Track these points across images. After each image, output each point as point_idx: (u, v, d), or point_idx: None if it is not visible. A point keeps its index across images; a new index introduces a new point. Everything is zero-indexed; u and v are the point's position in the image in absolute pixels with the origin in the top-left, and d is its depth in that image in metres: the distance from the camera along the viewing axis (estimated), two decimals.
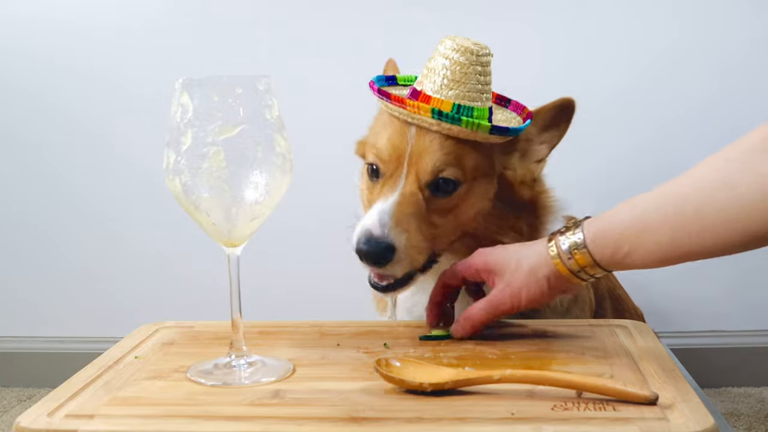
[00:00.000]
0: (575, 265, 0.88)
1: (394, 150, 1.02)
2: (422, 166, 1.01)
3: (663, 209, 0.81)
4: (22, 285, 1.93)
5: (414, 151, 1.01)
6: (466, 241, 1.06)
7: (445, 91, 1.00)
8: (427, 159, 1.00)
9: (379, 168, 1.04)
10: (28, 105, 1.86)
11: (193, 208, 0.81)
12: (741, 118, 1.76)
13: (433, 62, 1.02)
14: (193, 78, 0.80)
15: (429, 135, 1.01)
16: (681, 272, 1.81)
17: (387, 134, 1.03)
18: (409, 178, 1.01)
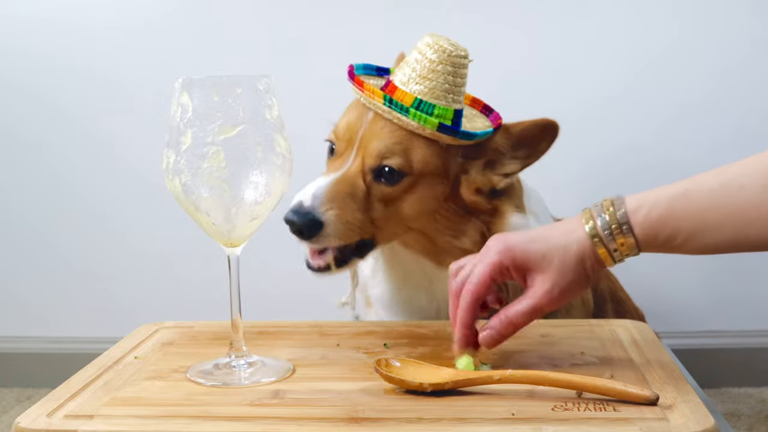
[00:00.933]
0: (617, 249, 0.79)
1: (347, 130, 1.05)
2: (369, 150, 1.02)
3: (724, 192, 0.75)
4: (21, 285, 1.93)
5: (365, 135, 1.03)
6: (418, 238, 1.07)
7: (411, 84, 1.01)
8: (375, 143, 1.02)
9: (333, 146, 1.07)
10: (27, 105, 1.86)
11: (193, 208, 0.81)
12: (740, 118, 1.75)
13: (409, 56, 1.04)
14: (193, 78, 0.79)
15: (382, 121, 1.02)
16: (681, 272, 1.82)
17: (346, 115, 1.07)
18: (356, 160, 1.03)
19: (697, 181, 0.77)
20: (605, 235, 0.78)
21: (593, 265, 0.80)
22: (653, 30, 1.76)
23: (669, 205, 0.76)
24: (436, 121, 0.99)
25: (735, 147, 1.75)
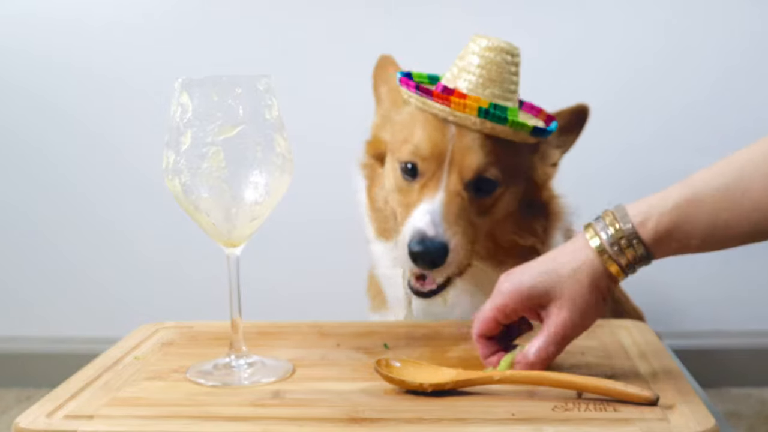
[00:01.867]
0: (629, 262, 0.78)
1: (434, 147, 0.99)
2: (465, 166, 0.98)
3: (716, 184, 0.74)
4: (21, 285, 1.93)
5: (456, 150, 0.98)
6: (486, 243, 1.04)
7: (481, 90, 0.98)
8: (471, 158, 0.98)
9: (417, 166, 1.00)
10: (26, 104, 1.86)
11: (193, 208, 0.81)
12: (741, 118, 1.75)
13: (465, 60, 1.00)
14: (192, 78, 0.79)
15: (470, 134, 0.99)
16: (681, 272, 1.82)
17: (425, 132, 1.00)
18: (451, 177, 0.99)
19: (701, 182, 0.76)
20: (614, 250, 0.77)
21: (607, 284, 0.79)
22: (653, 30, 1.76)
23: (677, 213, 0.75)
24: (530, 126, 0.98)
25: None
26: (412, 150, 1.00)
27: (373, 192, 1.11)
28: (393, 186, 1.05)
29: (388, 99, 1.12)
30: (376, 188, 1.11)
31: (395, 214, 1.06)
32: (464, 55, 1.01)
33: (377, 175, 1.11)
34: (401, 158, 1.02)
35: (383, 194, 1.09)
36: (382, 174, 1.10)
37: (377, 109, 1.14)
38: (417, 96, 1.00)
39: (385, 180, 1.06)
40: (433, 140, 0.99)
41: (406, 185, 1.02)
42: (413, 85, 1.00)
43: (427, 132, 1.00)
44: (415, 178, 1.01)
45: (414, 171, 1.01)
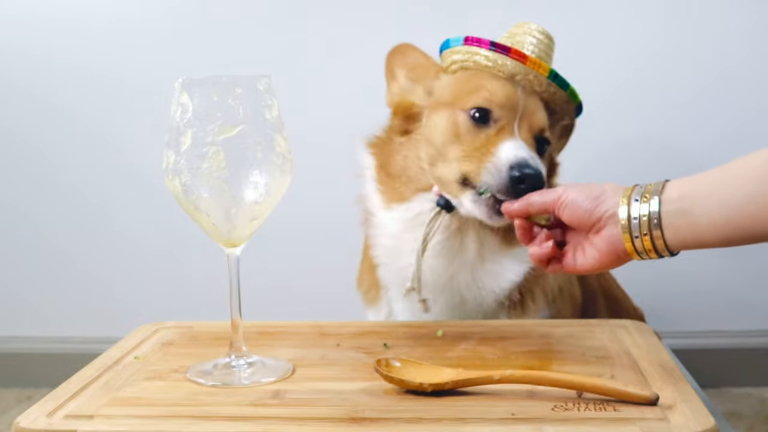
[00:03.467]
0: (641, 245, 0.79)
1: (509, 98, 1.03)
2: (534, 122, 1.04)
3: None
4: (22, 285, 1.93)
5: (525, 106, 1.03)
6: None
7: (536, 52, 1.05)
8: (538, 116, 1.04)
9: (491, 113, 1.03)
10: (26, 104, 1.86)
11: (193, 208, 0.81)
12: (739, 117, 1.75)
13: (517, 38, 1.07)
14: (192, 78, 0.79)
15: (534, 95, 1.05)
16: (681, 272, 1.82)
17: (499, 82, 1.04)
18: (522, 129, 1.03)
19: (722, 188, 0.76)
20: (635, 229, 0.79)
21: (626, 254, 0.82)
22: (652, 29, 1.76)
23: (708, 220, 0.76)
24: (580, 98, 1.06)
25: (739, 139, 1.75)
26: (487, 96, 1.03)
27: (385, 164, 1.12)
28: (449, 136, 1.05)
29: (408, 77, 1.14)
30: (389, 159, 1.12)
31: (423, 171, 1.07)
32: (513, 35, 1.08)
33: (388, 148, 1.13)
34: (473, 105, 1.03)
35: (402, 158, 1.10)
36: (396, 144, 1.11)
37: (391, 87, 1.15)
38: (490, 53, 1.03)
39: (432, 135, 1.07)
40: (507, 91, 1.03)
41: (475, 131, 1.03)
42: (486, 42, 1.05)
43: (499, 82, 1.04)
44: (487, 123, 1.03)
45: (486, 117, 1.03)
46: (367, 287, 1.19)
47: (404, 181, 1.10)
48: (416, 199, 1.08)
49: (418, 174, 1.08)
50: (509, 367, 0.84)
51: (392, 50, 1.15)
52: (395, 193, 1.10)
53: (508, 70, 1.03)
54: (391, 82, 1.15)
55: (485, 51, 1.04)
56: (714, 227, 0.75)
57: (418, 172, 1.08)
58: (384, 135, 1.15)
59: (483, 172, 0.98)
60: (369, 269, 1.18)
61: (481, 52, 1.04)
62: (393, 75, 1.15)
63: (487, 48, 1.04)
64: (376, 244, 1.13)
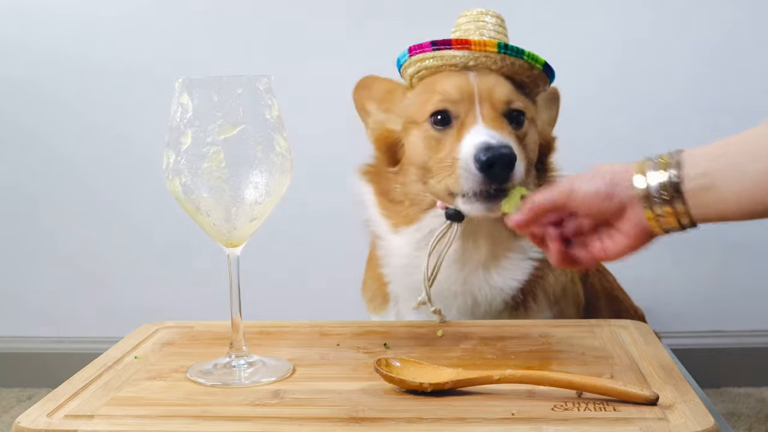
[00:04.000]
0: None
1: (461, 89, 1.02)
2: (495, 99, 1.02)
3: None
4: (22, 285, 1.93)
5: (482, 89, 1.02)
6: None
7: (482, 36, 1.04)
8: (498, 91, 1.02)
9: (449, 111, 1.02)
10: (29, 103, 1.86)
11: (193, 208, 0.81)
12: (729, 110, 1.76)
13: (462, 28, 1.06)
14: (193, 78, 0.80)
15: (491, 74, 1.03)
16: (681, 272, 1.82)
17: (448, 80, 1.03)
18: (485, 111, 1.01)
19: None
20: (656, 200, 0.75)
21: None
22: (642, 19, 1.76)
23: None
24: (543, 59, 1.03)
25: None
26: (439, 98, 1.03)
27: (384, 191, 1.12)
28: (424, 151, 1.04)
29: (380, 108, 1.14)
30: (386, 186, 1.11)
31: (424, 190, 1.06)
32: (458, 27, 1.07)
33: (383, 177, 1.12)
34: (430, 112, 1.03)
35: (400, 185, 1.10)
36: (389, 175, 1.11)
37: (367, 123, 1.16)
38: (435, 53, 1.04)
39: (412, 156, 1.07)
40: (458, 83, 1.02)
41: (441, 136, 1.03)
42: (427, 44, 1.04)
43: (448, 79, 1.03)
44: (449, 124, 1.03)
45: (447, 118, 1.03)
46: (372, 295, 1.19)
47: (408, 205, 1.09)
48: (425, 218, 1.08)
49: (421, 196, 1.07)
50: (509, 367, 0.84)
51: (356, 87, 1.15)
52: (401, 217, 1.10)
53: (457, 61, 1.03)
54: (365, 119, 1.15)
55: (429, 53, 1.04)
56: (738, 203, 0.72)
57: (420, 194, 1.07)
58: (375, 162, 1.15)
59: (460, 181, 0.97)
60: (375, 278, 1.17)
61: (427, 56, 1.04)
62: (365, 110, 1.15)
63: (430, 49, 1.04)
64: (388, 264, 1.13)
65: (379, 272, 1.15)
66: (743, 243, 1.80)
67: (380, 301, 1.17)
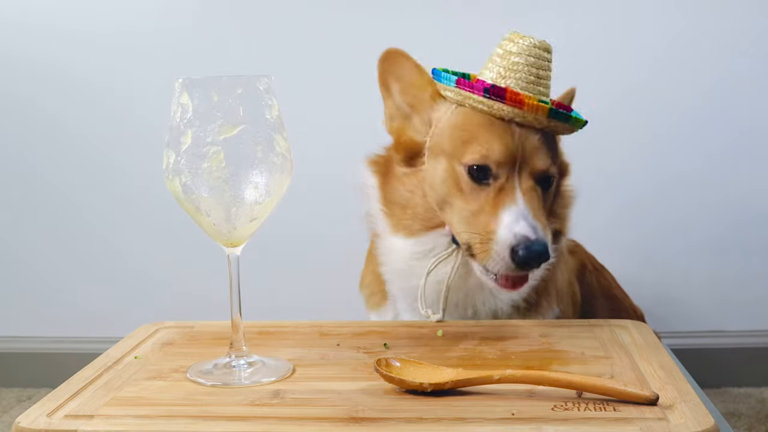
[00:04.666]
0: None
1: (507, 150, 0.99)
2: (535, 165, 0.99)
3: None
4: (22, 285, 1.93)
5: (525, 150, 0.99)
6: None
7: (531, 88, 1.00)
8: (539, 157, 1.00)
9: (490, 169, 0.99)
10: (30, 104, 1.86)
11: (193, 208, 0.81)
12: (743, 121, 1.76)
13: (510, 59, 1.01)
14: (193, 78, 0.80)
15: (532, 133, 1.00)
16: (681, 272, 1.82)
17: (495, 134, 0.99)
18: (523, 177, 0.99)
19: None
20: None
21: None
22: (653, 33, 1.76)
23: None
24: (584, 120, 1.01)
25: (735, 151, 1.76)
26: (484, 153, 0.99)
27: (389, 187, 1.10)
28: (449, 189, 1.02)
29: (403, 97, 1.09)
30: (393, 183, 1.09)
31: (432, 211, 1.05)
32: (506, 54, 1.01)
33: (392, 172, 1.10)
34: (469, 161, 1.00)
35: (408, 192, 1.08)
36: (399, 173, 1.09)
37: (387, 104, 1.11)
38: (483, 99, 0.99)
39: (436, 185, 1.04)
40: (505, 142, 0.99)
41: (475, 189, 1.00)
42: (479, 87, 0.99)
43: (497, 134, 0.99)
44: (485, 180, 1.00)
45: (485, 174, 1.00)
46: (371, 292, 1.18)
47: (411, 215, 1.07)
48: (429, 235, 1.06)
49: (428, 213, 1.05)
50: (509, 367, 0.85)
51: (383, 57, 1.09)
52: (403, 226, 1.08)
53: (504, 114, 0.99)
54: (386, 100, 1.11)
55: (478, 97, 1.00)
56: None
57: (428, 210, 1.05)
58: (386, 154, 1.12)
59: (488, 258, 0.96)
60: (374, 275, 1.16)
61: (474, 98, 1.00)
62: (387, 88, 1.10)
63: (481, 95, 0.99)
64: (385, 263, 1.12)
65: (377, 269, 1.14)
66: (743, 243, 1.80)
67: (379, 298, 1.17)
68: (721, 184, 1.78)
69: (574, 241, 1.29)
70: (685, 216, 1.80)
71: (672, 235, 1.80)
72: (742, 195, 1.79)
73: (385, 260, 1.12)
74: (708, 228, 1.80)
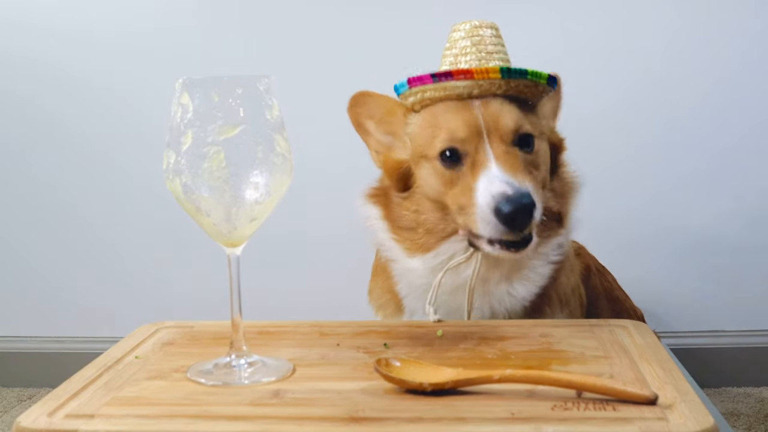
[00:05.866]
0: None
1: (468, 124, 1.00)
2: (503, 127, 1.00)
3: None
4: (22, 285, 1.93)
5: (488, 120, 1.00)
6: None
7: (485, 63, 1.02)
8: (505, 119, 1.00)
9: (458, 150, 1.00)
10: (30, 104, 1.86)
11: (194, 208, 0.81)
12: (747, 121, 1.76)
13: (457, 45, 1.04)
14: (193, 78, 0.80)
15: (494, 100, 1.01)
16: (681, 272, 1.82)
17: (452, 114, 1.01)
18: (494, 144, 0.99)
19: None
20: None
21: None
22: (651, 37, 1.76)
23: None
24: (546, 74, 1.01)
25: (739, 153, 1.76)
26: (447, 137, 1.01)
27: (394, 215, 1.10)
28: (438, 186, 1.03)
29: (380, 129, 1.12)
30: (396, 211, 1.09)
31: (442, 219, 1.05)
32: (453, 43, 1.05)
33: (392, 200, 1.10)
34: (438, 150, 1.02)
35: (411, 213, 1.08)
36: (398, 199, 1.09)
37: (369, 143, 1.13)
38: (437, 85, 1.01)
39: (427, 190, 1.05)
40: (463, 117, 1.00)
41: (453, 174, 1.01)
42: (427, 76, 1.02)
43: (454, 114, 1.01)
44: (459, 161, 1.01)
45: (456, 156, 1.01)
46: (382, 303, 1.17)
47: (422, 233, 1.07)
48: (444, 245, 1.06)
49: (439, 225, 1.05)
50: (509, 367, 0.85)
51: (350, 104, 1.11)
52: (417, 246, 1.07)
53: (460, 91, 1.00)
54: (366, 138, 1.12)
55: (431, 85, 1.01)
56: None
57: (437, 224, 1.05)
58: (381, 185, 1.13)
59: (479, 226, 0.96)
60: (386, 290, 1.16)
61: (428, 88, 1.02)
62: (364, 129, 1.12)
63: (431, 81, 1.01)
64: (403, 281, 1.12)
65: (392, 287, 1.14)
66: (743, 243, 1.80)
67: (392, 310, 1.16)
68: (721, 184, 1.78)
69: (578, 243, 1.29)
70: (685, 216, 1.80)
71: (672, 235, 1.80)
72: (742, 195, 1.79)
73: (403, 279, 1.12)
74: (708, 228, 1.80)
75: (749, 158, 1.77)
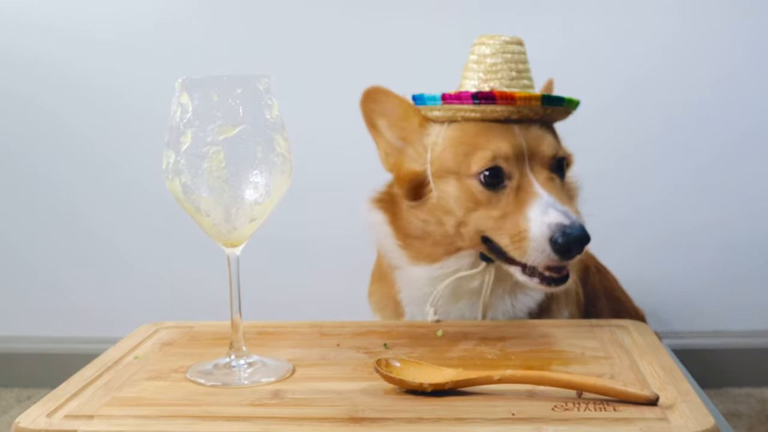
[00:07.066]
0: None
1: (512, 146, 0.98)
2: (543, 153, 0.99)
3: None
4: (22, 285, 1.93)
5: (529, 145, 0.99)
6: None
7: (516, 84, 1.01)
8: (545, 144, 1.00)
9: (502, 170, 0.98)
10: (29, 103, 1.86)
11: (193, 208, 0.81)
12: (745, 121, 1.76)
13: (486, 61, 1.01)
14: (192, 78, 0.80)
15: (533, 125, 1.01)
16: (681, 272, 1.82)
17: (495, 133, 0.99)
18: (536, 169, 0.99)
19: None
20: None
21: None
22: (652, 33, 1.76)
23: None
24: (578, 100, 1.02)
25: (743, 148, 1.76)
26: (490, 156, 0.98)
27: (401, 222, 1.08)
28: (468, 204, 1.00)
29: (393, 132, 1.09)
30: (404, 217, 1.08)
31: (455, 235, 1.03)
32: (482, 59, 1.02)
33: (399, 207, 1.09)
34: (479, 169, 0.98)
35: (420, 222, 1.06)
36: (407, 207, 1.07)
37: (378, 143, 1.10)
38: (474, 106, 0.99)
39: (450, 207, 1.02)
40: (508, 138, 0.99)
41: (493, 195, 0.99)
42: (467, 96, 0.99)
43: (497, 134, 0.99)
44: (500, 183, 0.98)
45: (499, 176, 0.98)
46: (383, 306, 1.16)
47: (430, 244, 1.06)
48: (450, 258, 1.05)
49: (448, 238, 1.04)
50: (509, 367, 0.85)
51: (364, 99, 1.08)
52: (422, 254, 1.07)
53: (498, 114, 0.99)
54: (377, 138, 1.10)
55: (469, 105, 0.99)
56: None
57: (446, 237, 1.04)
58: (388, 190, 1.11)
59: (525, 254, 0.94)
60: (387, 296, 1.15)
61: (465, 107, 0.99)
62: (375, 128, 1.09)
63: (471, 103, 0.99)
64: (405, 289, 1.11)
65: (393, 293, 1.13)
66: (743, 243, 1.80)
67: (390, 312, 1.16)
68: (721, 184, 1.78)
69: None
70: (685, 216, 1.79)
71: (672, 235, 1.80)
72: (742, 195, 1.78)
73: (406, 287, 1.11)
74: (708, 228, 1.80)
75: (749, 158, 1.77)
